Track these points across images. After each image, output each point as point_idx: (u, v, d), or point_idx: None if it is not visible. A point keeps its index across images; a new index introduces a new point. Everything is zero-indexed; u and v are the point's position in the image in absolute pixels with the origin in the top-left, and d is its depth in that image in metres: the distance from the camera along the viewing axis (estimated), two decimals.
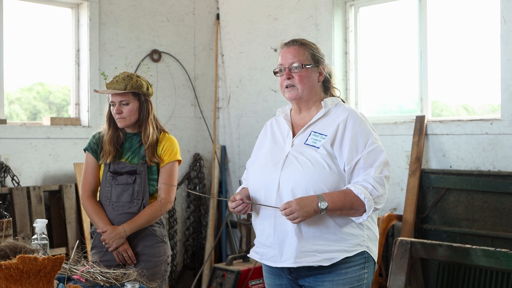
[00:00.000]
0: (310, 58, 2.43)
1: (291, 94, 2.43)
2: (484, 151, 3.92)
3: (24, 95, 4.77)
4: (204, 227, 5.44)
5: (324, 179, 2.28)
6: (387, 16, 4.68)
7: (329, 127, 2.37)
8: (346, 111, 2.41)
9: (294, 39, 2.48)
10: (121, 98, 3.02)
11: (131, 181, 3.02)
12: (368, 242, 2.36)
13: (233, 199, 2.39)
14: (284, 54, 2.44)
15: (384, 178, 2.29)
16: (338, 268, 2.31)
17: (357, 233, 2.33)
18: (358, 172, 2.30)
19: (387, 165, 2.33)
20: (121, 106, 3.03)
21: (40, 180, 4.45)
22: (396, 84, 4.69)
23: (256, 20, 5.27)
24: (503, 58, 3.82)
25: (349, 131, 2.33)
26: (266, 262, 2.41)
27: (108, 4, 4.83)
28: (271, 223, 2.35)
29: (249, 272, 4.46)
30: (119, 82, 3.03)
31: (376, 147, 2.32)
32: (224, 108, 5.56)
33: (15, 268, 1.76)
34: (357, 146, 2.31)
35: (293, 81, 2.41)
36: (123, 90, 3.00)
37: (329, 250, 2.28)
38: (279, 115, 2.58)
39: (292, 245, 2.29)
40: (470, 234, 3.91)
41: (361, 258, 2.34)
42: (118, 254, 2.97)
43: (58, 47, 4.77)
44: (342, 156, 2.31)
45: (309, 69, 2.41)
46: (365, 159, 2.29)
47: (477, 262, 3.31)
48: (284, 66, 2.43)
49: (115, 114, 3.04)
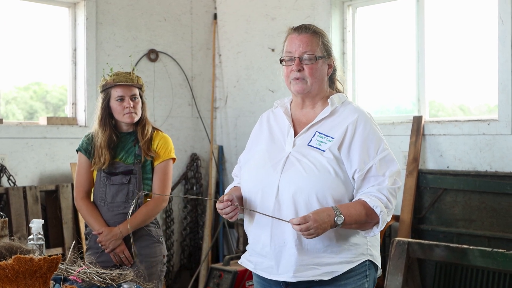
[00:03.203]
0: (323, 48, 2.19)
1: (299, 88, 2.18)
2: (481, 151, 3.92)
3: (21, 95, 4.76)
4: (201, 227, 5.43)
5: (329, 186, 2.07)
6: (385, 16, 4.68)
7: (336, 128, 2.15)
8: (355, 112, 2.19)
9: (306, 25, 2.22)
10: (133, 91, 3.03)
11: (126, 181, 3.01)
12: (371, 250, 2.19)
13: (221, 200, 2.14)
14: (294, 41, 2.19)
15: (397, 189, 2.12)
16: (338, 279, 2.12)
17: (361, 241, 2.16)
18: (369, 180, 2.10)
19: (399, 175, 2.14)
20: (133, 100, 3.03)
21: (37, 180, 4.43)
22: (394, 85, 4.69)
23: (253, 20, 5.27)
24: (501, 59, 3.82)
25: (359, 135, 2.12)
26: (261, 273, 2.21)
27: (105, 3, 4.82)
28: (268, 231, 2.13)
29: (246, 272, 4.46)
30: (126, 76, 3.02)
31: (387, 154, 2.14)
32: (221, 108, 5.55)
33: (11, 269, 1.75)
34: (368, 152, 2.11)
35: (303, 73, 2.16)
36: (135, 84, 3.02)
37: (331, 263, 2.10)
38: (277, 108, 2.35)
39: (291, 257, 2.09)
40: (467, 235, 3.91)
41: (363, 267, 2.16)
42: (115, 255, 2.97)
43: (55, 46, 4.75)
44: (350, 162, 2.10)
45: (321, 61, 2.18)
46: (377, 167, 2.09)
47: (474, 263, 3.31)
48: (294, 55, 2.17)
49: (124, 108, 3.00)
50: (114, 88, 3.02)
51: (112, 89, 3.03)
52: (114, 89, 3.02)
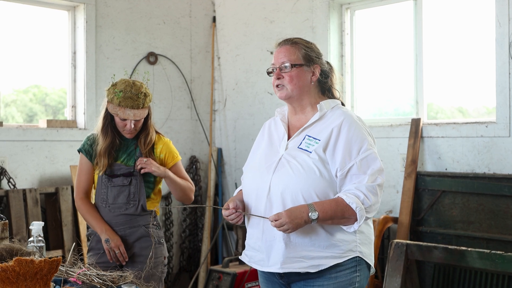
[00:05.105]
0: (302, 57, 2.36)
1: (281, 94, 2.38)
2: (480, 153, 3.94)
3: (20, 98, 4.77)
4: (200, 229, 5.44)
5: (314, 185, 2.24)
6: (383, 19, 4.70)
7: (323, 131, 2.32)
8: (342, 115, 2.34)
9: (287, 38, 2.43)
10: (140, 117, 3.00)
11: (127, 182, 3.03)
12: (361, 247, 2.30)
13: (226, 207, 2.34)
14: (277, 54, 2.40)
15: (377, 186, 2.24)
16: (328, 272, 2.26)
17: (349, 238, 2.27)
18: (351, 178, 2.25)
19: (381, 172, 2.27)
20: (135, 120, 2.99)
21: (36, 182, 4.45)
22: (392, 87, 4.71)
23: (252, 23, 5.28)
24: (498, 61, 3.84)
25: (343, 137, 2.28)
26: (254, 266, 2.39)
27: (104, 6, 4.83)
28: (260, 227, 2.32)
29: (245, 274, 4.47)
30: (133, 99, 2.95)
31: (370, 154, 2.27)
32: (220, 111, 5.57)
33: (12, 271, 1.76)
34: (350, 152, 2.26)
35: (282, 81, 2.36)
36: (142, 111, 2.98)
37: (317, 257, 2.24)
38: (277, 116, 2.53)
39: (279, 250, 2.26)
40: (465, 236, 3.92)
41: (352, 262, 2.28)
42: (110, 251, 2.97)
43: (55, 49, 4.77)
44: (334, 162, 2.26)
45: (299, 69, 2.35)
46: (358, 166, 2.24)
47: (472, 264, 3.32)
48: (275, 66, 2.39)
49: (124, 128, 3.00)
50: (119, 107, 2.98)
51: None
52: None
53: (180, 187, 3.14)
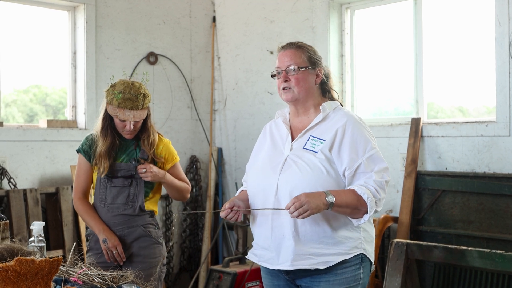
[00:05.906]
0: (307, 60, 2.44)
1: (287, 96, 2.44)
2: (480, 153, 3.94)
3: (21, 98, 4.77)
4: (201, 229, 5.44)
5: (322, 183, 2.29)
6: (383, 18, 4.70)
7: (327, 132, 2.38)
8: (345, 116, 2.42)
9: (290, 42, 2.50)
10: (139, 118, 2.99)
11: (127, 184, 3.03)
12: (365, 244, 2.39)
13: (223, 209, 2.41)
14: (281, 57, 2.46)
15: (385, 182, 2.32)
16: (334, 268, 2.33)
17: (354, 235, 2.35)
18: (359, 177, 2.32)
19: (387, 170, 2.35)
20: (135, 123, 2.99)
21: (37, 182, 4.45)
22: (392, 86, 4.71)
23: (252, 22, 5.29)
24: (498, 60, 3.84)
25: (348, 137, 2.35)
26: (264, 264, 2.44)
27: (104, 6, 4.84)
28: (268, 226, 2.37)
29: (246, 274, 4.47)
30: (133, 100, 2.93)
31: (375, 153, 2.35)
32: (220, 111, 5.57)
33: (13, 271, 1.77)
34: (357, 151, 2.33)
35: (289, 83, 2.42)
36: (142, 112, 2.97)
37: (325, 254, 2.31)
38: (278, 118, 2.59)
39: (289, 248, 2.31)
40: (465, 236, 3.92)
41: (357, 259, 2.36)
42: (108, 251, 2.97)
43: (55, 49, 4.77)
44: (341, 161, 2.33)
45: (305, 72, 2.43)
46: (366, 164, 2.31)
47: (472, 264, 3.32)
48: (281, 68, 2.45)
49: (123, 129, 2.99)
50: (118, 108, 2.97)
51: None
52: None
53: (177, 188, 3.17)
